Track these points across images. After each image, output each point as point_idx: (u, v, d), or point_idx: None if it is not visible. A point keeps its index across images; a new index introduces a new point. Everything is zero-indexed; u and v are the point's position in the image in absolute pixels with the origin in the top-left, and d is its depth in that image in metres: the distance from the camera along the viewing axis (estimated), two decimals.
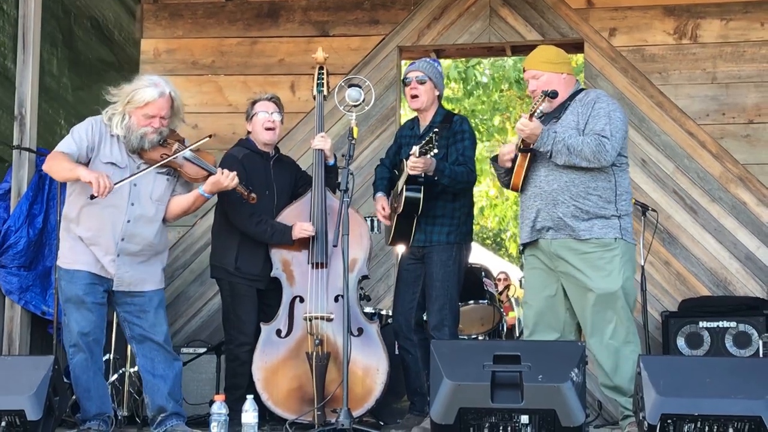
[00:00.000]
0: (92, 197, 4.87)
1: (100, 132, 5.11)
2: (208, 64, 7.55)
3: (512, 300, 10.52)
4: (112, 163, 5.09)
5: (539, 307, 5.17)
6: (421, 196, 5.45)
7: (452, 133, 5.59)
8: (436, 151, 5.23)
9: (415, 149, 5.27)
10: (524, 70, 5.27)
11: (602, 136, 4.94)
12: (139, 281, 5.15)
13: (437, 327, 5.50)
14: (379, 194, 5.79)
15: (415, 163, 5.30)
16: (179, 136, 5.30)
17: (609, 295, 4.95)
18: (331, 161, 5.78)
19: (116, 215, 5.06)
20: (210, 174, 5.22)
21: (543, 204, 5.08)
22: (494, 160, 5.33)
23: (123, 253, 5.07)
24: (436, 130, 5.26)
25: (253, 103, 5.90)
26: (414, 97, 5.65)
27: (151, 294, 5.16)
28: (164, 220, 5.26)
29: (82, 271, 5.05)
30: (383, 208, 5.71)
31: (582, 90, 5.23)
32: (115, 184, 4.93)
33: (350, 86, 5.65)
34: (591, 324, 5.01)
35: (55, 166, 5.05)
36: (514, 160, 5.17)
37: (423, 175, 5.40)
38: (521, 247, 5.30)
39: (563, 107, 5.16)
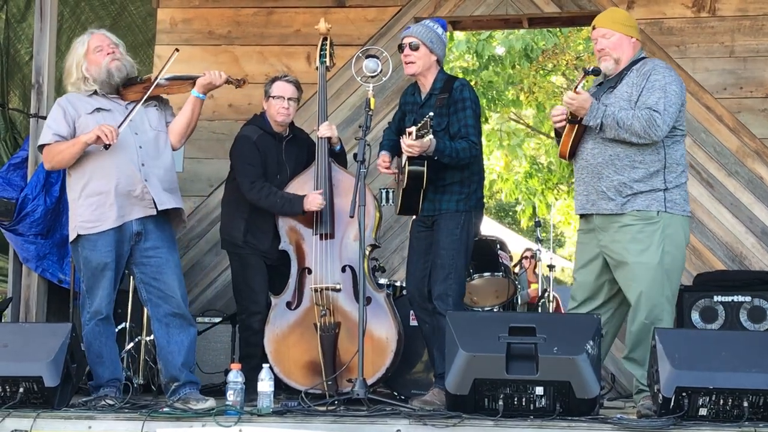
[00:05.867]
0: (106, 147, 4.94)
1: (69, 101, 5.16)
2: (224, 34, 7.52)
3: (537, 275, 10.48)
4: (98, 109, 5.13)
5: (581, 281, 5.16)
6: (425, 169, 5.31)
7: (453, 101, 5.40)
8: (431, 136, 5.12)
9: (412, 130, 5.13)
10: (593, 28, 5.15)
11: (654, 111, 4.85)
12: (172, 200, 5.18)
13: (441, 297, 5.33)
14: (383, 152, 5.61)
15: (410, 146, 5.18)
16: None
17: (645, 270, 4.87)
18: (337, 147, 5.76)
19: (128, 149, 5.08)
20: (195, 80, 5.25)
21: (588, 177, 5.05)
22: (558, 133, 5.23)
23: (150, 176, 5.10)
24: (431, 114, 5.10)
25: (273, 81, 5.85)
26: (408, 63, 5.48)
27: (167, 255, 5.15)
28: (173, 148, 5.29)
29: (105, 233, 5.04)
30: (384, 161, 5.56)
31: (642, 59, 5.12)
32: (118, 127, 4.99)
33: (367, 57, 5.62)
34: (628, 297, 4.97)
35: (58, 157, 5.10)
36: (563, 128, 5.11)
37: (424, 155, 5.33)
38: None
39: (621, 76, 5.07)
